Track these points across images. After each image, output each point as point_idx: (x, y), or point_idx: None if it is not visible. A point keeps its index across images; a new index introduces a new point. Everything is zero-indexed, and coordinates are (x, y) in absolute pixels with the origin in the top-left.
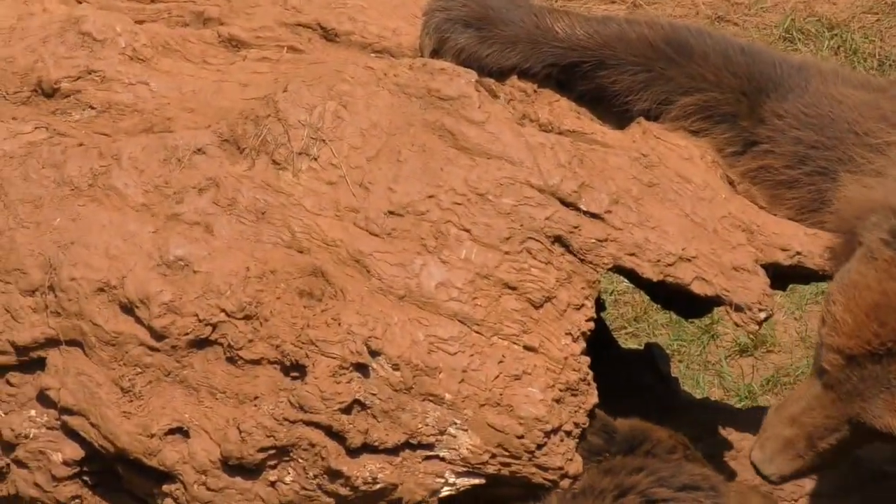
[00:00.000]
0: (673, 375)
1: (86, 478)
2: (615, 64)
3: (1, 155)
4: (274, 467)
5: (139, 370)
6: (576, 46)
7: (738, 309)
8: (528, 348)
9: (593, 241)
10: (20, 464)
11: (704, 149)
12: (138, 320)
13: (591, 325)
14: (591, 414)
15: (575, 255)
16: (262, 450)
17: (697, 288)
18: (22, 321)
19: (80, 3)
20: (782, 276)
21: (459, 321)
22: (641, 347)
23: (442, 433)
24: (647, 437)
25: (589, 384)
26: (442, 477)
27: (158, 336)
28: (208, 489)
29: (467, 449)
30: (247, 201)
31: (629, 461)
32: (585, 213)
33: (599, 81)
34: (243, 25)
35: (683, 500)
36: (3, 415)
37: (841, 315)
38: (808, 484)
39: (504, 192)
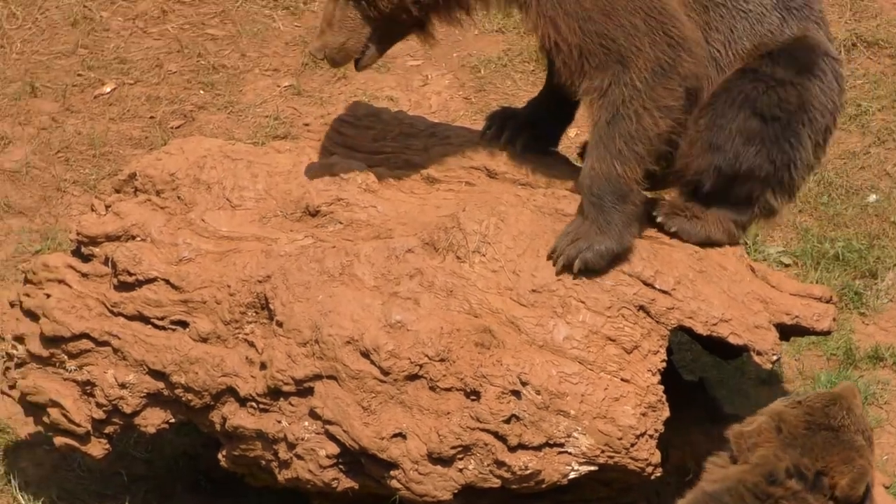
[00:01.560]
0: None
1: (341, 466)
2: None
3: (284, 254)
4: (461, 459)
5: (373, 395)
6: None
7: (759, 353)
8: (623, 380)
9: (664, 308)
10: (299, 457)
11: (736, 248)
12: (372, 362)
13: (664, 364)
14: (665, 423)
15: (652, 318)
16: (453, 447)
17: (732, 340)
18: (298, 363)
19: (332, 154)
20: (786, 331)
21: (579, 362)
22: (697, 379)
23: (569, 436)
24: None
25: (663, 403)
26: (570, 465)
27: (385, 372)
28: (419, 473)
29: (586, 447)
30: (441, 283)
31: None
32: (659, 290)
33: None
34: (436, 168)
35: None
36: (287, 424)
37: None
38: None
39: (607, 277)
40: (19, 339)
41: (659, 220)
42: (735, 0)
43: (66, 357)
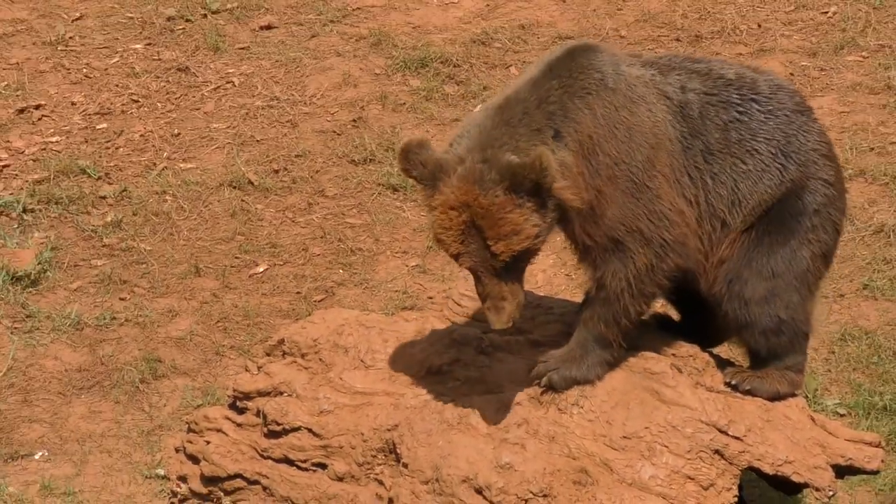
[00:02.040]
0: None
1: None
2: None
3: (410, 407)
4: None
5: None
6: None
7: (818, 489)
8: None
9: (737, 452)
10: None
11: (798, 399)
12: (484, 497)
13: (735, 498)
14: None
15: (726, 460)
16: None
17: (795, 478)
18: (421, 499)
19: (452, 322)
20: (841, 471)
21: (662, 497)
22: None
23: None
24: None
25: None
26: None
27: None
28: None
29: None
30: (544, 431)
31: None
32: (732, 436)
33: None
34: (541, 333)
35: None
36: None
37: None
38: None
39: (687, 425)
40: (182, 478)
41: (733, 383)
42: (735, 164)
43: (222, 494)
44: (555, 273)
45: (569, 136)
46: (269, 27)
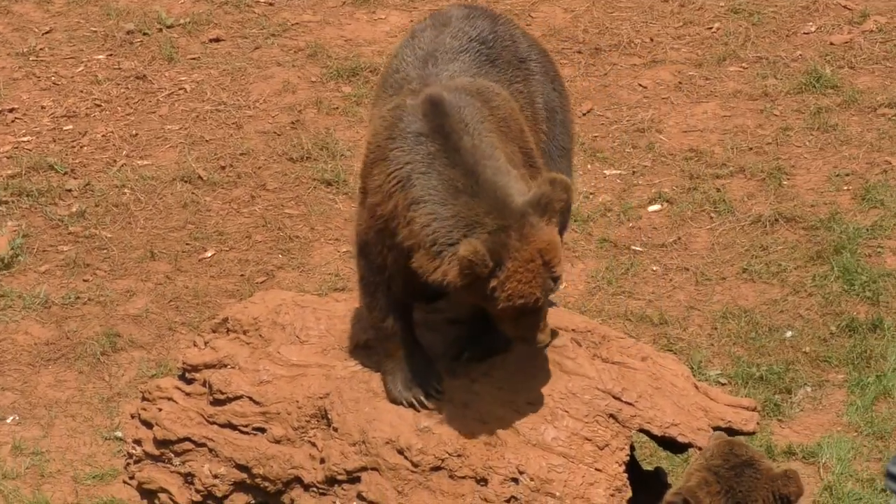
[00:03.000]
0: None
1: None
2: None
3: (340, 377)
4: None
5: (406, 482)
6: None
7: (700, 449)
8: (597, 469)
9: (629, 416)
10: None
11: (683, 369)
12: (405, 457)
13: (627, 458)
14: (628, 501)
15: (619, 423)
16: None
17: (680, 439)
18: (349, 458)
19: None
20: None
21: (563, 456)
22: (653, 468)
23: None
24: None
25: (627, 487)
26: None
27: (415, 465)
28: None
29: None
30: (458, 398)
31: None
32: (625, 402)
33: None
34: (457, 313)
35: None
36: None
37: None
38: None
39: (585, 392)
40: (137, 441)
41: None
42: (527, 86)
43: (172, 455)
44: None
45: (507, 157)
46: (217, 40)
